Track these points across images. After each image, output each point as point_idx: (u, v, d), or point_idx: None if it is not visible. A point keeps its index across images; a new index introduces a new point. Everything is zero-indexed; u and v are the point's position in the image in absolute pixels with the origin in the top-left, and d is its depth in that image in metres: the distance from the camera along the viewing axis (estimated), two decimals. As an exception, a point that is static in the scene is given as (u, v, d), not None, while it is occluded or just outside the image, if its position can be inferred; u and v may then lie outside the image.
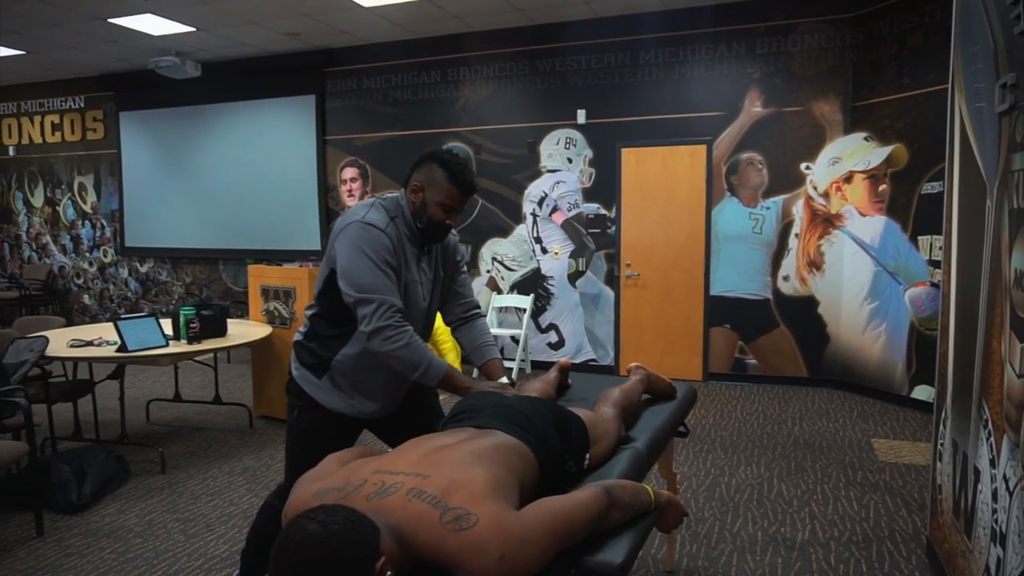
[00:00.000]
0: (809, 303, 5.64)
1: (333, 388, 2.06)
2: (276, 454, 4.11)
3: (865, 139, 5.31)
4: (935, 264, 4.83)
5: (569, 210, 6.26)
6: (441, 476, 1.27)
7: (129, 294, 8.40)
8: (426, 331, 2.18)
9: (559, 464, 1.61)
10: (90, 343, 3.88)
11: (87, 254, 8.60)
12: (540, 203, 6.33)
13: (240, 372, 6.41)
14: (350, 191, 7.06)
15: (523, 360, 6.20)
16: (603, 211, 6.15)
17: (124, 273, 8.41)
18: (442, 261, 2.20)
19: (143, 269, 8.29)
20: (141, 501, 3.45)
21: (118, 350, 3.66)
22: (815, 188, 5.55)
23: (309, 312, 2.12)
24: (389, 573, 1.12)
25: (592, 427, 1.79)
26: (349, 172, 7.05)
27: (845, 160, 5.43)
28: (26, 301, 8.42)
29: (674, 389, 2.48)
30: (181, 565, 2.82)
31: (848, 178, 5.42)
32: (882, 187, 5.20)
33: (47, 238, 8.82)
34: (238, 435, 4.51)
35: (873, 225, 5.27)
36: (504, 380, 2.12)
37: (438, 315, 2.31)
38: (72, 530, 3.14)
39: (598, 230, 6.18)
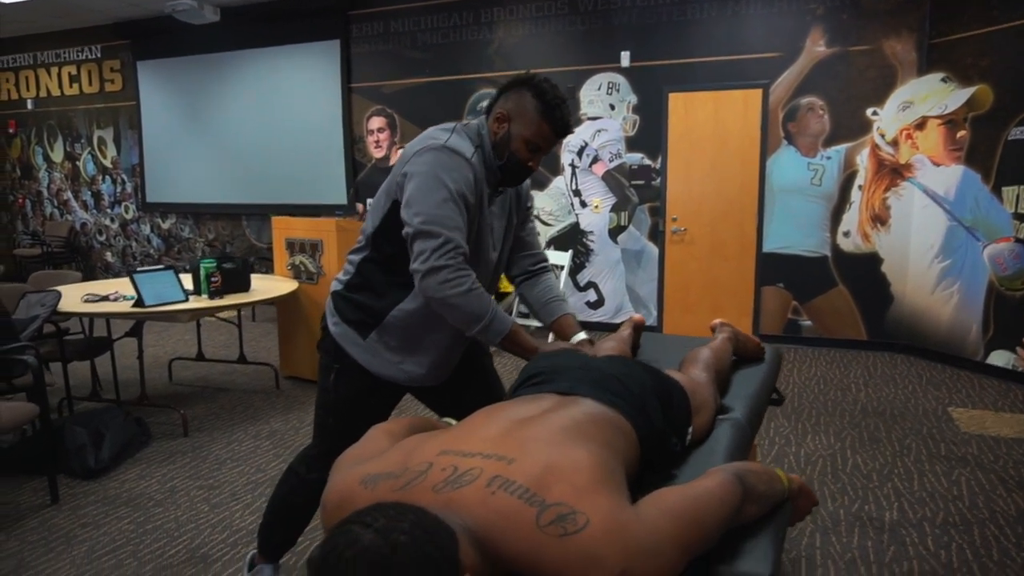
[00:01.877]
0: (872, 261, 5.22)
1: (382, 349, 1.75)
2: (305, 417, 3.85)
3: (942, 80, 4.82)
4: (1021, 218, 4.39)
5: (611, 161, 5.85)
6: (532, 460, 0.96)
7: (152, 251, 8.19)
8: (492, 285, 1.85)
9: (662, 441, 1.29)
10: (105, 298, 3.62)
11: (108, 210, 8.38)
12: (580, 153, 5.93)
13: (265, 331, 6.18)
14: (377, 142, 6.70)
15: (560, 320, 5.87)
16: (648, 161, 5.74)
17: (146, 229, 8.18)
18: (515, 206, 1.87)
19: (165, 225, 8.06)
20: (162, 466, 3.22)
21: (135, 305, 3.39)
22: (882, 136, 5.08)
23: (356, 257, 1.78)
24: None
25: (692, 395, 1.46)
26: (376, 122, 6.69)
27: (918, 104, 4.94)
28: (49, 258, 8.25)
29: (763, 350, 2.15)
30: (204, 537, 2.57)
31: (920, 124, 4.94)
32: (960, 133, 4.73)
33: (68, 194, 8.61)
34: (264, 396, 4.26)
35: (948, 176, 4.81)
36: (582, 336, 1.79)
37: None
38: (88, 497, 2.91)
39: (642, 182, 5.78)
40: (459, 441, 1.03)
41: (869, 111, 5.09)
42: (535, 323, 5.92)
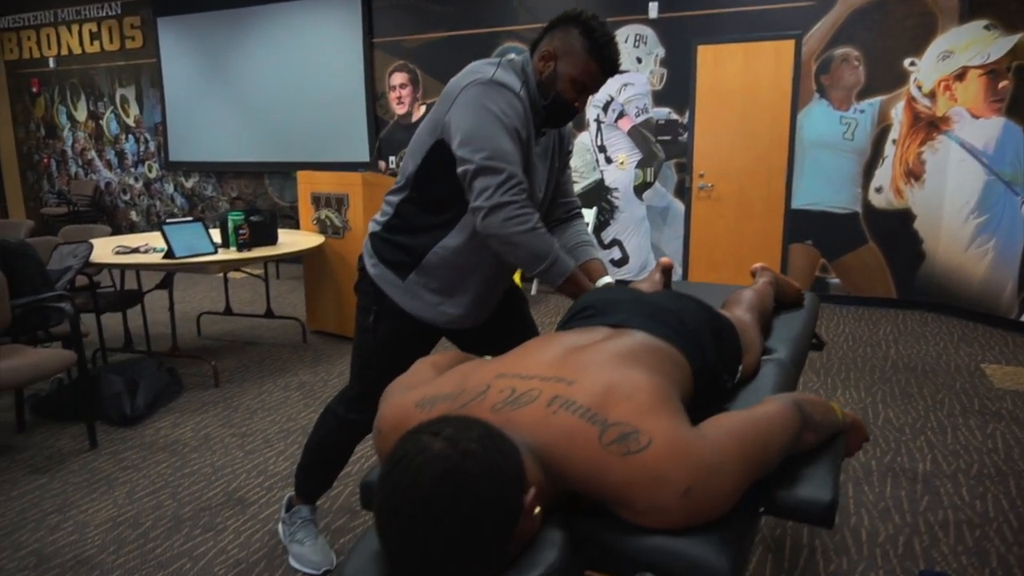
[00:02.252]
0: (904, 217, 5.11)
1: (421, 291, 1.74)
2: (333, 370, 3.89)
3: (986, 28, 4.65)
4: (1063, 170, 4.26)
5: (637, 116, 5.75)
6: (592, 381, 0.94)
7: (176, 210, 8.23)
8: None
9: (714, 377, 1.27)
10: (136, 250, 3.64)
11: (132, 169, 8.42)
12: (605, 108, 5.83)
13: (290, 288, 6.22)
14: (399, 98, 6.63)
15: (584, 278, 5.84)
16: (675, 116, 5.63)
17: (170, 188, 8.22)
18: (557, 149, 1.83)
19: (188, 184, 8.08)
20: (195, 415, 3.27)
21: (165, 257, 3.41)
22: (919, 88, 4.93)
23: (395, 198, 1.75)
24: (537, 510, 0.81)
25: (740, 334, 1.44)
26: (398, 78, 6.61)
27: (958, 54, 4.78)
28: (75, 217, 8.32)
29: (803, 295, 2.12)
30: (241, 481, 2.62)
31: (960, 75, 4.79)
32: (1002, 84, 4.57)
33: (92, 153, 8.65)
34: (292, 350, 4.30)
35: (988, 129, 4.67)
36: (608, 280, 1.77)
37: None
38: (126, 443, 2.97)
39: (669, 137, 5.68)
40: (515, 365, 1.02)
41: (906, 62, 4.93)
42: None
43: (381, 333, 1.79)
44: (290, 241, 4.04)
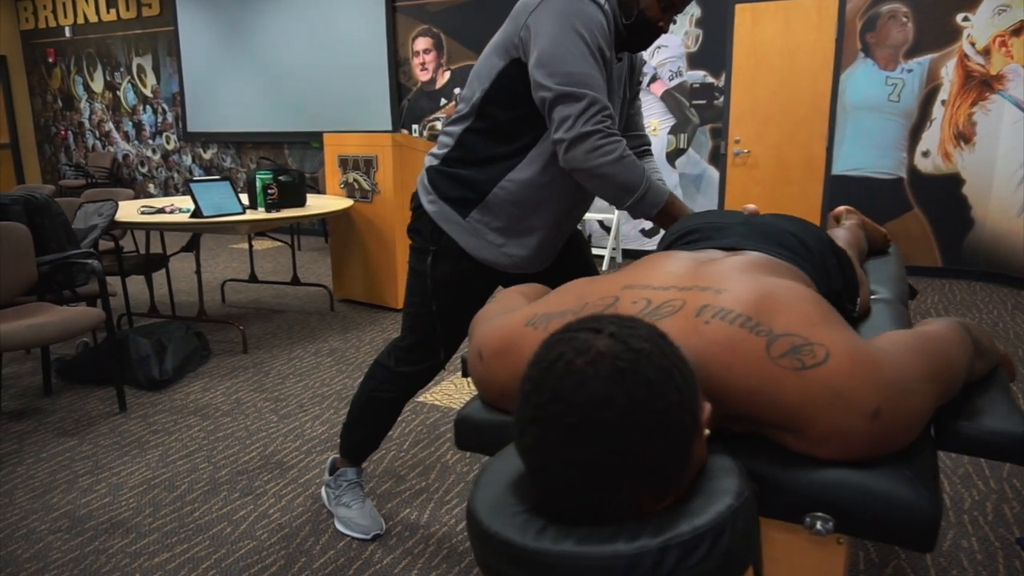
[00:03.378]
0: (952, 182, 4.90)
1: (484, 230, 1.59)
2: (364, 337, 3.76)
3: (1045, -20, 4.40)
4: None
5: (671, 79, 5.54)
6: (744, 288, 0.80)
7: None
8: None
9: (840, 306, 1.12)
10: (161, 211, 3.52)
11: (150, 141, 8.30)
12: (637, 72, 5.62)
13: (312, 259, 6.10)
14: (423, 64, 6.45)
15: (614, 249, 5.69)
16: (710, 79, 5.42)
17: (188, 160, 8.10)
18: (629, 79, 1.67)
19: (206, 155, 7.96)
20: (226, 380, 3.16)
21: (192, 216, 3.29)
22: (972, 44, 4.69)
23: (456, 128, 1.60)
24: (707, 432, 0.66)
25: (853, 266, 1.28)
26: (422, 43, 6.42)
27: (1016, 7, 4.54)
28: (94, 188, 8.23)
29: (889, 242, 1.96)
30: (277, 445, 2.50)
31: (1018, 30, 4.55)
32: (1063, 39, 4.33)
33: (109, 125, 8.54)
34: (319, 317, 4.18)
35: (1045, 87, 4.44)
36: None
37: None
38: (156, 406, 2.86)
39: (703, 102, 5.48)
40: (642, 277, 0.87)
41: (959, 16, 4.70)
42: (600, 250, 5.74)
43: (439, 276, 1.65)
44: (317, 204, 3.90)
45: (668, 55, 5.50)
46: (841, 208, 1.89)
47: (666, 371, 0.59)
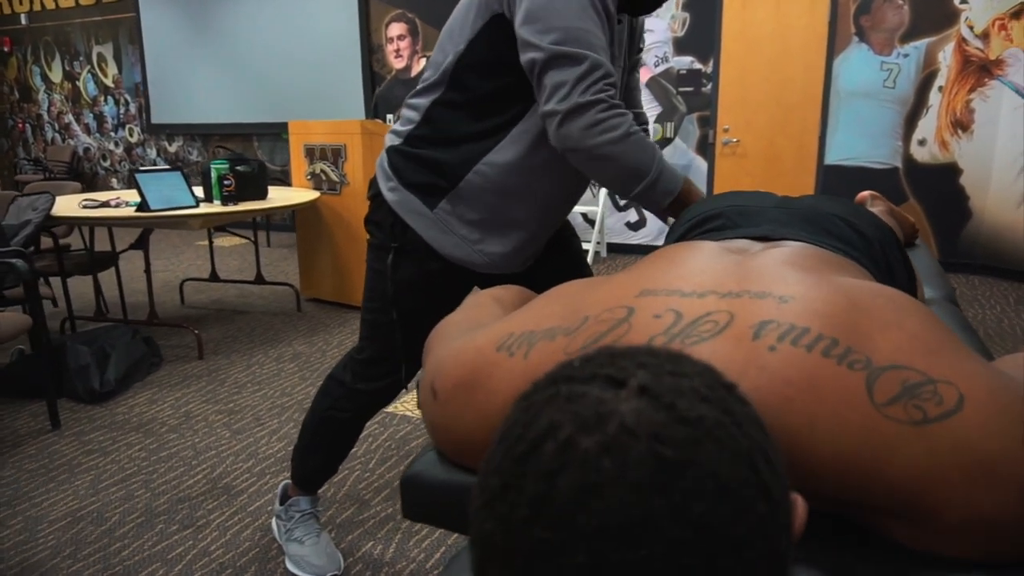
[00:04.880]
0: (948, 172, 4.71)
1: (455, 223, 1.33)
2: (331, 340, 3.48)
3: (1048, -41, 4.21)
4: None
5: (656, 65, 5.30)
6: (820, 294, 0.55)
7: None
8: None
9: None
10: (106, 204, 3.21)
11: (112, 133, 7.92)
12: (622, 58, 5.38)
13: (282, 256, 5.79)
14: (397, 51, 6.15)
15: (599, 243, 5.44)
16: (698, 65, 5.19)
17: (152, 153, 7.73)
18: (627, 47, 1.41)
19: (172, 148, 7.59)
20: (176, 390, 2.87)
21: (139, 210, 2.98)
22: (971, 28, 4.50)
23: (423, 100, 1.32)
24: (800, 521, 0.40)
25: (906, 260, 1.04)
26: (396, 28, 6.12)
27: (1016, -11, 4.35)
28: (51, 184, 7.84)
29: (917, 231, 1.73)
30: (227, 466, 2.22)
31: (1017, 13, 4.35)
32: (1066, 21, 4.15)
33: (69, 117, 8.14)
34: (285, 318, 3.89)
35: (1047, 71, 4.25)
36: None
37: None
38: (94, 422, 2.56)
39: (691, 89, 5.24)
40: (662, 279, 0.61)
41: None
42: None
43: (401, 277, 1.38)
44: (281, 197, 3.61)
45: (654, 40, 5.26)
46: (866, 193, 1.65)
47: (746, 459, 0.34)
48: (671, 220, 1.27)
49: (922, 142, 4.73)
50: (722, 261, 0.65)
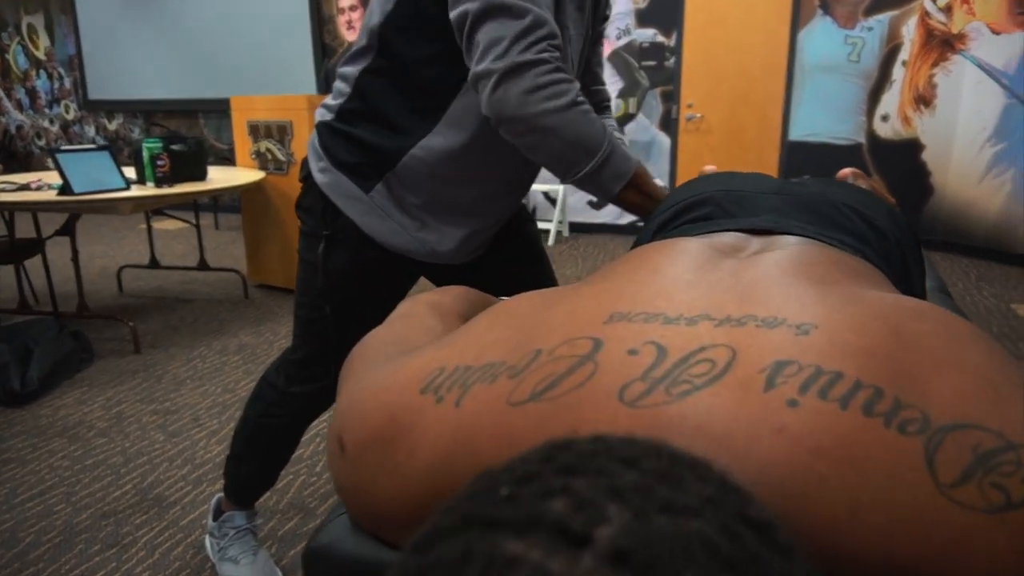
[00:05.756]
0: (911, 148, 4.67)
1: (394, 209, 1.17)
2: (280, 329, 3.29)
3: (1011, -70, 4.15)
4: (1098, 89, 3.84)
5: (618, 38, 5.14)
6: (849, 319, 0.41)
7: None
8: None
9: None
10: (26, 187, 2.94)
11: (46, 110, 7.46)
12: (583, 30, 5.20)
13: (231, 239, 5.53)
14: (349, 22, 5.87)
15: (560, 222, 5.30)
16: (661, 38, 5.05)
17: (91, 131, 7.31)
18: (592, 14, 1.24)
19: (112, 126, 7.19)
20: (107, 388, 2.65)
21: (61, 193, 2.73)
22: (934, 1, 4.43)
23: (353, 68, 1.15)
24: None
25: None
26: (346, -2, 5.84)
27: (979, -39, 4.29)
28: (-18, 164, 7.38)
29: (897, 208, 1.63)
30: (160, 474, 2.04)
31: (980, -15, 4.30)
32: (1028, -6, 4.11)
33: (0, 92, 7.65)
34: (231, 306, 3.67)
35: (1009, 45, 4.21)
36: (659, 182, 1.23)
37: None
38: (13, 427, 2.34)
39: (654, 62, 5.10)
40: (639, 296, 0.46)
41: (921, -29, 4.43)
42: (545, 224, 5.35)
43: (334, 269, 1.22)
44: (223, 178, 3.38)
45: (615, 11, 5.09)
46: (847, 171, 1.52)
47: None
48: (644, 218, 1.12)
49: (885, 118, 4.68)
50: (716, 269, 0.50)
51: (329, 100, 1.22)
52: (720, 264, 0.52)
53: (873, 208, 0.75)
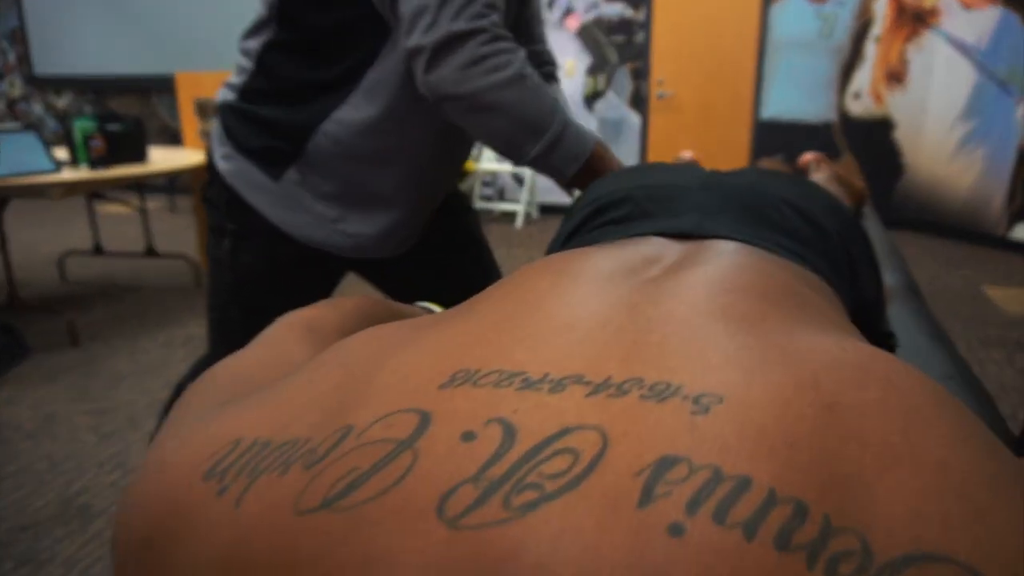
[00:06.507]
0: (882, 127, 4.61)
1: (307, 197, 1.03)
2: (230, 318, 3.12)
3: (985, -99, 4.06)
4: (1070, 66, 3.79)
5: (586, 12, 4.98)
6: (773, 394, 0.28)
7: (48, 135, 7.03)
8: None
9: (874, 325, 0.66)
10: (-53, 171, 2.74)
11: (-9, 87, 7.11)
12: (551, 4, 5.04)
13: (187, 223, 5.31)
14: (307, -5, 5.62)
15: (528, 203, 5.17)
16: (630, 13, 4.90)
17: (38, 109, 6.98)
18: None
19: (60, 104, 6.87)
20: (39, 387, 2.48)
21: (-19, 177, 2.54)
22: (906, -25, 4.34)
23: (254, 42, 1.01)
24: None
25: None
26: (304, -31, 5.58)
27: (952, -67, 4.19)
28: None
29: (866, 196, 1.53)
30: (87, 481, 1.89)
31: (953, -41, 4.21)
32: (1001, -32, 4.03)
33: (-60, 68, 7.26)
34: (180, 295, 3.50)
35: (981, 21, 4.14)
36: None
37: None
38: (-69, 431, 2.18)
39: (623, 37, 4.96)
40: (498, 347, 0.33)
41: (893, -56, 4.33)
42: (513, 206, 5.24)
43: (242, 267, 1.09)
44: (164, 158, 3.19)
45: (583, -15, 4.93)
46: (808, 156, 1.42)
47: None
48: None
49: (857, 95, 4.60)
50: (609, 298, 0.38)
51: (232, 79, 1.08)
52: (618, 289, 0.40)
53: (813, 202, 0.64)
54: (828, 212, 0.65)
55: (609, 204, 0.67)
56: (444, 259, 1.22)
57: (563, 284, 0.41)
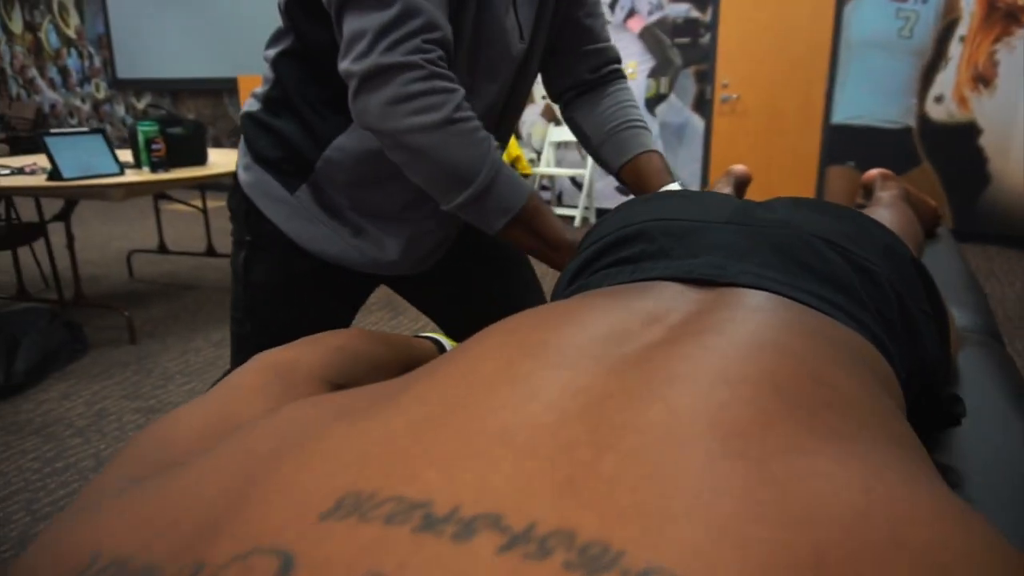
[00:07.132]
0: (967, 132, 4.31)
1: (322, 213, 0.99)
2: (281, 320, 3.16)
3: None
4: None
5: (650, 14, 4.85)
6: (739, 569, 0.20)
7: (128, 135, 7.36)
8: (511, 118, 1.05)
9: (932, 392, 0.55)
10: (21, 171, 2.86)
11: (78, 88, 7.49)
12: (612, 6, 4.93)
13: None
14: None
15: (587, 208, 5.07)
16: (695, 13, 4.74)
17: (120, 111, 7.31)
18: None
19: (140, 105, 7.18)
20: (95, 382, 2.56)
21: (50, 178, 2.64)
22: (998, -30, 4.05)
23: (273, 51, 0.97)
24: None
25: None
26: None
27: (1052, -75, 3.88)
28: (15, 144, 7.45)
29: (939, 217, 1.41)
30: (129, 481, 1.92)
31: (1052, -48, 3.90)
32: (1107, -39, 3.70)
33: (33, 71, 7.70)
34: (237, 295, 3.56)
35: (1082, 19, 3.81)
36: (675, 187, 1.01)
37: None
38: (-8, 423, 2.26)
39: (687, 40, 4.80)
40: (398, 463, 0.27)
41: (984, -63, 4.04)
42: (571, 210, 5.16)
43: (256, 281, 1.06)
44: (225, 161, 3.25)
45: (648, -14, 4.80)
46: (874, 172, 1.31)
47: None
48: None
49: (939, 99, 4.32)
50: (571, 391, 0.31)
51: (259, 88, 1.05)
52: (593, 368, 0.33)
53: (863, 242, 0.54)
54: (882, 253, 0.56)
55: (620, 239, 0.59)
56: (477, 276, 1.16)
57: (521, 364, 0.34)
